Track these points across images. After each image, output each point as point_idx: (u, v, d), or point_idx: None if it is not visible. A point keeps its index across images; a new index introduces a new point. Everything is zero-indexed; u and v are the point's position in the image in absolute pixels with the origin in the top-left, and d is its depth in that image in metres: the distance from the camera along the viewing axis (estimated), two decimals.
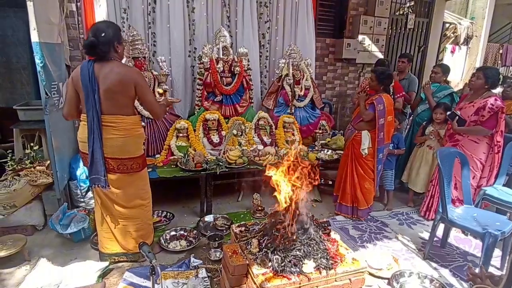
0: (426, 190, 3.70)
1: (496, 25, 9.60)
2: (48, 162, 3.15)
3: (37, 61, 2.64)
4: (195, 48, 4.29)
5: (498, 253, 2.81)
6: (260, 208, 3.53)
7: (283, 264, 1.92)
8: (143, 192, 2.56)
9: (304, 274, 1.91)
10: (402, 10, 6.16)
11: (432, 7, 6.30)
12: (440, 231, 3.03)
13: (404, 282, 2.53)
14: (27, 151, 3.21)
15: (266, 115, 4.21)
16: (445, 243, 3.10)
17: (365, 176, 3.40)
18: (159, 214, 3.36)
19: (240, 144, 3.93)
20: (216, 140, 3.87)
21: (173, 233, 3.07)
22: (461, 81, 9.11)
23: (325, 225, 2.33)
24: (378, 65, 4.54)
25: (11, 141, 3.59)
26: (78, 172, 3.24)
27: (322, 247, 2.06)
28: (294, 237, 1.99)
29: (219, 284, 2.39)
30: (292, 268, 1.91)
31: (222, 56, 4.03)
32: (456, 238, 3.28)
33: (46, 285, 2.38)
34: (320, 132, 4.38)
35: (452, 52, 9.16)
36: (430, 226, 3.05)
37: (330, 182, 4.16)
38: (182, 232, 3.09)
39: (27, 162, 3.16)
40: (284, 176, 2.04)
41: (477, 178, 3.26)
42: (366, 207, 3.50)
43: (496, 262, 2.82)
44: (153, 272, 1.75)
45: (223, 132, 3.94)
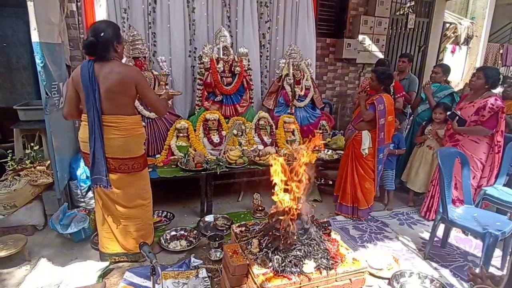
0: (426, 190, 3.70)
1: (497, 25, 9.59)
2: (49, 162, 3.15)
3: (37, 61, 2.64)
4: (195, 48, 4.28)
5: (498, 253, 2.81)
6: (260, 208, 3.53)
7: (283, 264, 1.92)
8: (144, 192, 2.56)
9: (304, 274, 1.90)
10: (402, 10, 6.15)
11: (432, 7, 6.28)
12: (440, 231, 3.03)
13: (405, 282, 2.53)
14: (28, 151, 3.21)
15: (267, 115, 4.21)
16: (445, 243, 3.10)
17: (365, 176, 3.40)
18: (160, 214, 3.36)
19: (240, 144, 3.93)
20: (217, 140, 3.87)
21: (173, 233, 3.07)
22: (461, 81, 9.10)
23: (325, 225, 2.32)
24: (378, 65, 4.53)
25: (11, 141, 3.59)
26: (79, 172, 3.24)
27: (322, 247, 2.05)
28: (295, 237, 1.99)
29: (220, 284, 2.39)
30: (292, 268, 1.91)
31: (222, 56, 4.03)
32: (457, 238, 3.28)
33: (47, 285, 2.38)
34: (320, 132, 4.38)
35: (453, 52, 9.15)
36: (431, 226, 3.05)
37: (330, 182, 4.16)
38: (183, 232, 3.09)
39: (27, 162, 3.16)
40: (285, 175, 2.04)
41: (477, 178, 3.26)
42: (367, 207, 3.50)
43: (496, 262, 2.82)
44: (153, 272, 1.75)
45: (224, 132, 3.94)
